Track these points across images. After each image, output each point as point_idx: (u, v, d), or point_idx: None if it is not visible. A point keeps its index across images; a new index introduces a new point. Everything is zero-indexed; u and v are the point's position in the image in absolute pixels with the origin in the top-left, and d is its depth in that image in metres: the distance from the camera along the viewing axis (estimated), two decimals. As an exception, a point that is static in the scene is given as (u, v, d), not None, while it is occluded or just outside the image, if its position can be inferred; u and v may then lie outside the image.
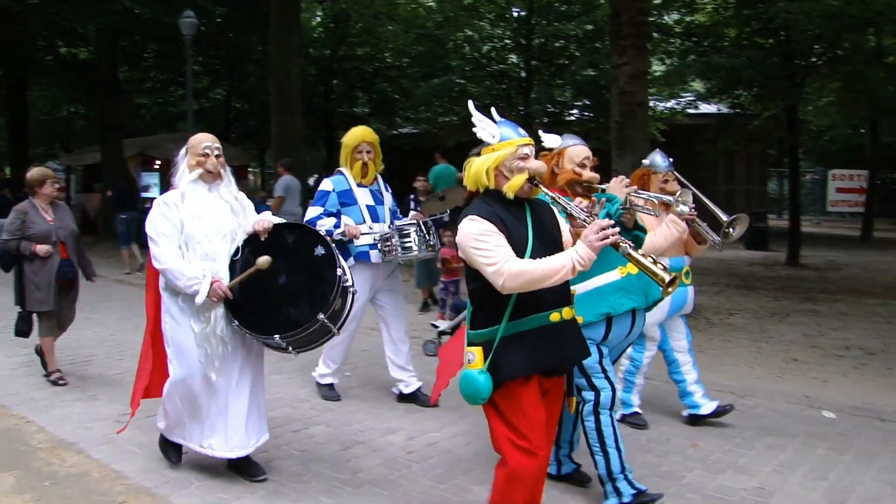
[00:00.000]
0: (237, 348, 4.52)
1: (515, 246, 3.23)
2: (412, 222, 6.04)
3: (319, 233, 4.60)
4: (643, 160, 5.54)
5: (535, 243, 3.31)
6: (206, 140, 4.57)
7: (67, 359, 7.18)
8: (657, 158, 5.44)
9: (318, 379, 6.37)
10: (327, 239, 4.52)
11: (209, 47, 24.93)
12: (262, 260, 4.33)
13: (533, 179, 3.32)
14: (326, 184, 6.08)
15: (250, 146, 31.04)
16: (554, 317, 3.33)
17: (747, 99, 19.17)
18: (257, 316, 4.41)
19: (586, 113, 21.00)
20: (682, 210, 4.63)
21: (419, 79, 23.04)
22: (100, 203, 21.69)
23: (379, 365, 6.90)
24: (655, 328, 5.50)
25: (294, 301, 4.39)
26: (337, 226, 5.87)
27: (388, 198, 6.25)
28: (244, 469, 4.63)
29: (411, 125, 26.99)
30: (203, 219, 4.42)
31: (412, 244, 5.92)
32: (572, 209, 3.41)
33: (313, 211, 5.98)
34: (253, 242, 4.53)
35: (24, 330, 6.82)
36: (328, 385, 6.35)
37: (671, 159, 5.46)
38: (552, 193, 3.48)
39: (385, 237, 5.91)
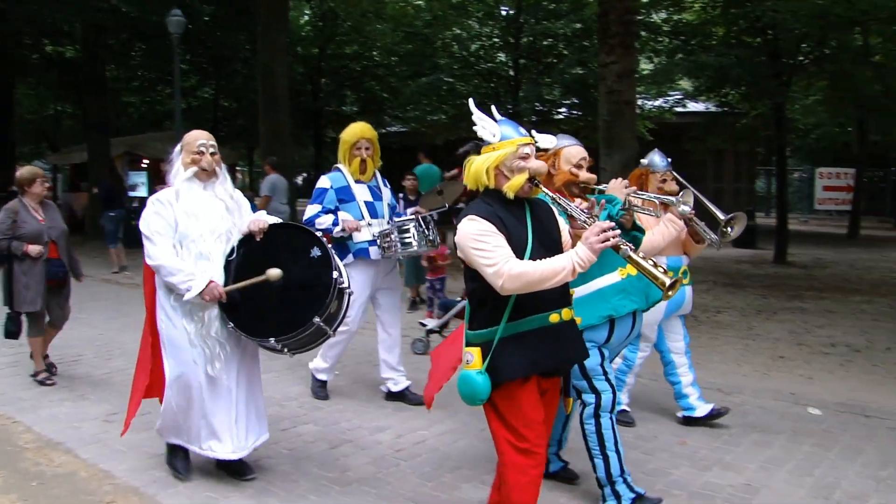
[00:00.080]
0: (233, 349, 4.48)
1: (515, 246, 3.21)
2: (411, 218, 6.02)
3: (315, 234, 4.54)
4: (641, 160, 5.50)
5: (535, 243, 3.28)
6: (202, 137, 4.51)
7: (55, 359, 7.13)
8: (655, 158, 5.40)
9: (314, 372, 6.35)
10: (323, 240, 4.47)
11: (197, 46, 24.86)
12: (273, 273, 4.28)
13: (533, 179, 3.29)
14: (324, 181, 6.04)
15: (238, 145, 30.96)
16: (553, 318, 3.30)
17: (735, 97, 19.27)
18: (252, 318, 4.36)
19: (574, 111, 21.07)
20: (684, 210, 4.61)
21: (407, 77, 23.08)
22: (87, 202, 21.61)
23: (367, 363, 6.92)
24: (652, 328, 5.47)
25: (289, 303, 4.34)
26: (336, 223, 5.84)
27: (387, 193, 6.22)
28: (233, 468, 4.61)
29: (400, 124, 27.02)
30: (198, 218, 4.37)
31: (411, 240, 5.88)
32: (573, 210, 3.38)
33: (312, 209, 5.94)
34: (248, 242, 4.49)
35: (14, 331, 6.75)
36: (321, 382, 6.34)
37: (669, 159, 5.42)
38: (553, 194, 3.46)
39: (384, 233, 5.88)
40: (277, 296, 4.36)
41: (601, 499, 4.17)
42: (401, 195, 9.77)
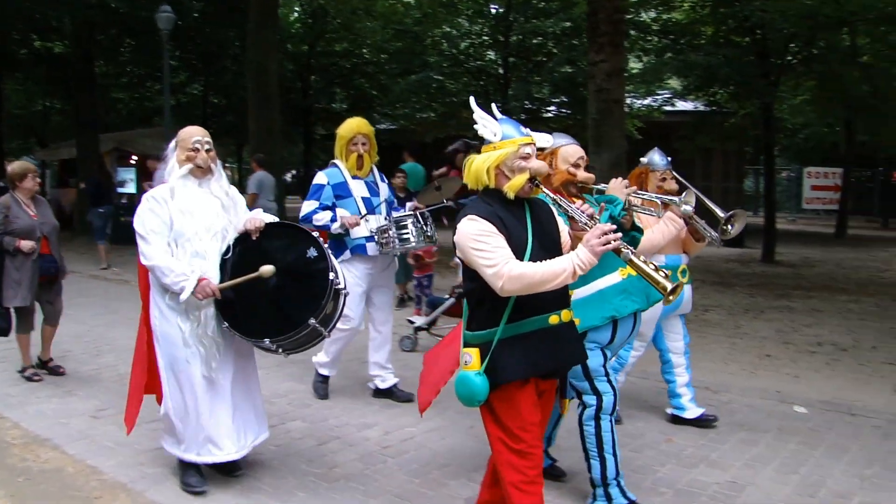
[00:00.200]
0: (229, 347, 4.43)
1: (515, 247, 3.16)
2: (409, 214, 6.01)
3: (312, 234, 4.47)
4: (641, 158, 5.47)
5: (535, 244, 3.24)
6: (197, 134, 4.43)
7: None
8: (655, 157, 5.38)
9: (316, 366, 6.31)
10: (320, 240, 4.42)
11: (186, 42, 24.75)
12: (266, 269, 4.24)
13: (534, 179, 3.25)
14: (321, 177, 6.01)
15: (227, 142, 30.86)
16: (553, 319, 3.26)
17: (723, 97, 19.35)
18: (247, 318, 4.32)
19: (564, 110, 21.13)
20: (687, 210, 4.59)
21: (397, 75, 23.09)
22: (75, 198, 21.53)
23: (356, 360, 6.92)
24: (649, 326, 5.41)
25: (285, 304, 4.30)
26: (333, 219, 5.82)
27: (384, 188, 6.19)
28: (221, 464, 4.57)
29: (389, 121, 26.99)
30: (193, 216, 4.29)
31: (409, 236, 5.87)
32: (574, 212, 3.34)
33: (309, 205, 5.91)
34: (244, 241, 4.43)
35: (5, 327, 6.67)
36: (322, 377, 6.28)
37: (669, 158, 5.40)
38: (553, 195, 3.42)
39: (382, 229, 5.85)
40: (273, 296, 4.31)
41: (591, 497, 4.17)
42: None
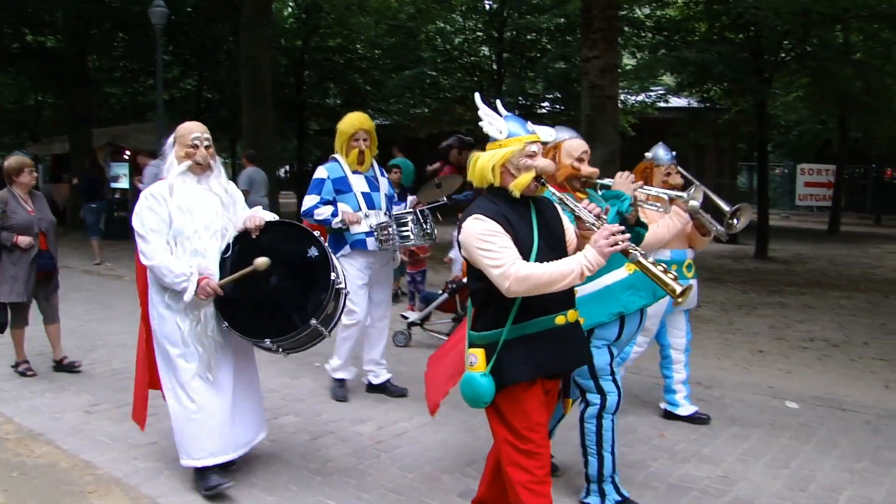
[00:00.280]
0: (228, 347, 4.38)
1: (521, 247, 3.11)
2: (409, 210, 6.00)
3: (313, 233, 4.41)
4: (646, 153, 5.43)
5: (541, 244, 3.18)
6: (196, 130, 4.36)
7: (36, 350, 7.11)
8: (660, 152, 5.35)
9: (331, 372, 6.22)
10: (321, 240, 4.37)
11: (180, 37, 24.70)
12: (260, 261, 4.16)
13: (539, 178, 3.18)
14: (321, 171, 5.98)
15: (221, 137, 30.82)
16: (559, 320, 3.21)
17: (717, 93, 19.38)
18: (247, 318, 4.26)
19: (557, 106, 21.15)
20: (694, 205, 4.57)
21: (391, 70, 23.08)
22: (68, 193, 21.49)
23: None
24: (654, 321, 5.38)
25: (286, 304, 4.26)
26: (335, 214, 5.80)
27: (384, 183, 6.16)
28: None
29: (383, 117, 26.96)
30: (192, 214, 4.21)
31: (409, 233, 5.86)
32: (580, 212, 3.27)
33: (310, 200, 5.88)
34: (244, 239, 4.36)
35: (2, 322, 6.66)
36: (339, 381, 6.18)
37: (674, 152, 5.38)
38: (559, 194, 3.38)
39: (382, 226, 5.82)
40: (273, 296, 4.27)
41: (584, 492, 4.18)
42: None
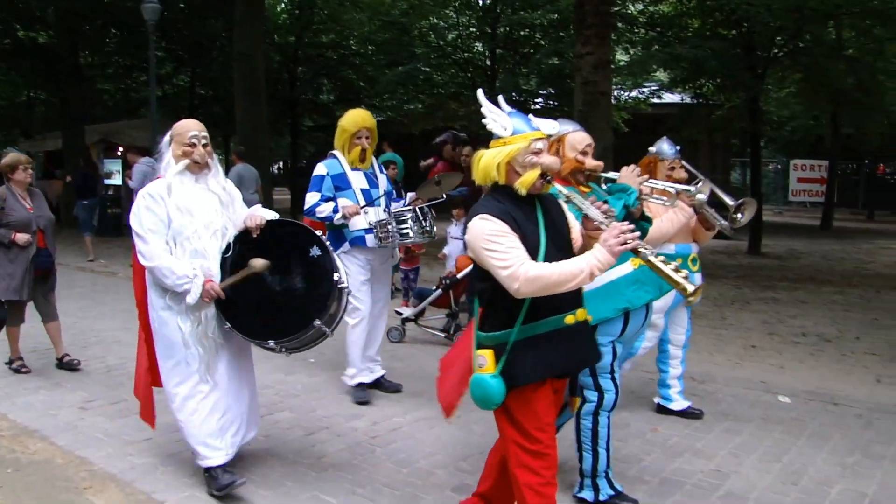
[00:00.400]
0: (227, 347, 4.34)
1: (528, 246, 3.05)
2: (409, 208, 5.99)
3: (314, 232, 4.36)
4: (650, 148, 5.39)
5: (548, 243, 3.13)
6: (193, 128, 4.26)
7: (30, 346, 7.11)
8: (664, 146, 5.32)
9: (349, 382, 6.11)
10: (323, 239, 4.32)
11: (173, 33, 24.64)
12: (259, 263, 4.12)
13: (545, 175, 3.12)
14: (321, 168, 5.95)
15: (215, 133, 30.74)
16: (569, 319, 3.16)
17: (710, 89, 19.42)
18: (250, 318, 4.22)
19: (551, 101, 21.14)
20: (701, 199, 4.56)
21: (384, 66, 23.04)
22: (61, 190, 21.44)
23: (344, 352, 6.92)
24: (660, 316, 5.39)
25: (289, 304, 4.21)
26: (336, 210, 5.79)
27: (383, 180, 6.15)
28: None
29: (376, 113, 26.84)
30: (192, 213, 4.15)
31: (409, 230, 5.86)
32: (589, 210, 3.18)
33: (312, 197, 5.85)
34: (244, 239, 4.29)
35: (2, 318, 6.63)
36: (357, 385, 6.08)
37: (678, 147, 5.35)
38: (567, 192, 3.33)
39: (382, 223, 5.81)
40: (275, 296, 4.22)
41: (578, 487, 4.19)
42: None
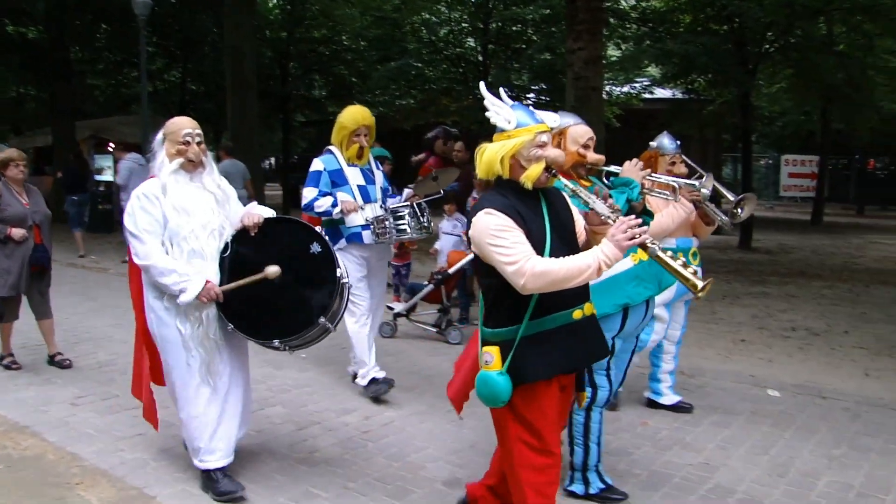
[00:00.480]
0: (226, 347, 4.28)
1: (534, 241, 3.01)
2: (406, 204, 5.99)
3: (314, 229, 4.34)
4: (651, 143, 5.37)
5: (553, 237, 3.09)
6: (187, 126, 4.17)
7: (20, 343, 7.09)
8: (665, 141, 5.30)
9: (362, 381, 6.00)
10: (323, 235, 4.31)
11: (164, 28, 24.54)
12: (271, 270, 4.08)
13: (550, 169, 3.07)
14: (317, 163, 5.94)
15: (207, 129, 30.51)
16: (577, 314, 3.13)
17: (701, 85, 19.48)
18: (252, 318, 4.17)
19: (543, 97, 21.15)
20: (705, 194, 4.56)
21: (376, 62, 23.03)
22: (51, 186, 21.37)
23: (335, 346, 6.94)
24: (663, 309, 5.38)
25: (291, 302, 4.17)
26: (335, 205, 5.78)
27: (380, 176, 6.15)
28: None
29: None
30: (188, 213, 4.08)
31: (406, 226, 5.86)
32: (595, 204, 3.13)
33: (309, 192, 5.84)
34: (242, 237, 4.24)
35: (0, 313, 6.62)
36: (371, 381, 5.96)
37: (678, 141, 5.34)
38: (572, 186, 3.24)
39: (379, 219, 5.82)
40: (278, 295, 4.17)
41: (569, 480, 4.21)
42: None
